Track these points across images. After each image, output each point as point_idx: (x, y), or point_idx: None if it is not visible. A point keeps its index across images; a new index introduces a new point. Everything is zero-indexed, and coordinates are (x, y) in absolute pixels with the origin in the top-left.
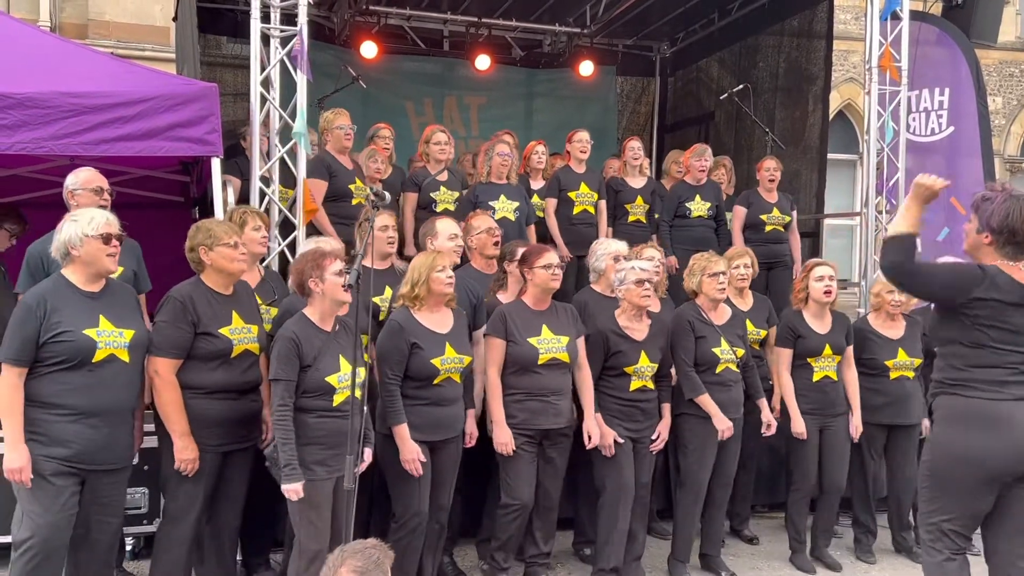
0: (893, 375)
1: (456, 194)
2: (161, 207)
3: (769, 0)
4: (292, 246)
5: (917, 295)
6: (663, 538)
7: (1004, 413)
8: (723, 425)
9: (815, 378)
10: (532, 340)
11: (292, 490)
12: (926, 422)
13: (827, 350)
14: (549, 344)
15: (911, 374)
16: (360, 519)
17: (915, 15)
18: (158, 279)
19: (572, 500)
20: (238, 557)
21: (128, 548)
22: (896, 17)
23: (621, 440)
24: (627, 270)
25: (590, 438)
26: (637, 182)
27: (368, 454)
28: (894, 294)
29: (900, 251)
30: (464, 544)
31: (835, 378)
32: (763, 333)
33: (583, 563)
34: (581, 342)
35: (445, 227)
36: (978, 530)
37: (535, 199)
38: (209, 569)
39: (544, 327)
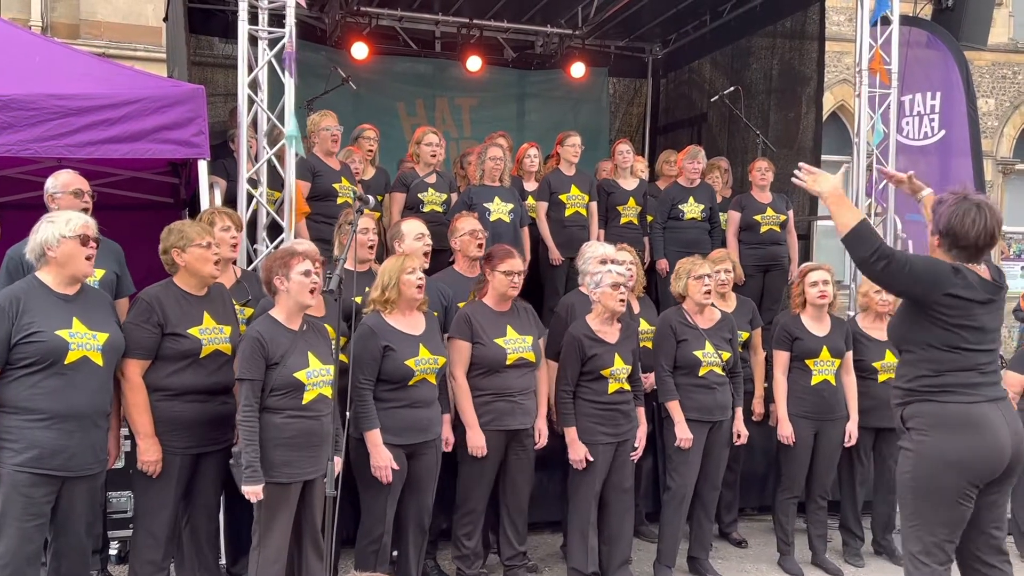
0: (881, 377)
1: (444, 196)
2: (150, 209)
3: (761, 2)
4: None
5: (893, 284)
6: (652, 541)
7: (981, 415)
8: (683, 435)
9: (813, 382)
10: (499, 341)
11: (252, 492)
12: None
13: (824, 353)
14: (515, 344)
15: None
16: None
17: (905, 19)
18: (147, 281)
19: (560, 503)
20: (221, 561)
21: (113, 552)
22: (886, 21)
23: (591, 458)
24: (603, 273)
25: (540, 435)
26: (629, 184)
27: (338, 462)
28: (881, 294)
29: (868, 238)
30: (447, 547)
31: (834, 383)
32: (744, 335)
33: None
34: (541, 342)
35: (411, 228)
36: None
37: (529, 200)
38: (190, 571)
39: (508, 327)
